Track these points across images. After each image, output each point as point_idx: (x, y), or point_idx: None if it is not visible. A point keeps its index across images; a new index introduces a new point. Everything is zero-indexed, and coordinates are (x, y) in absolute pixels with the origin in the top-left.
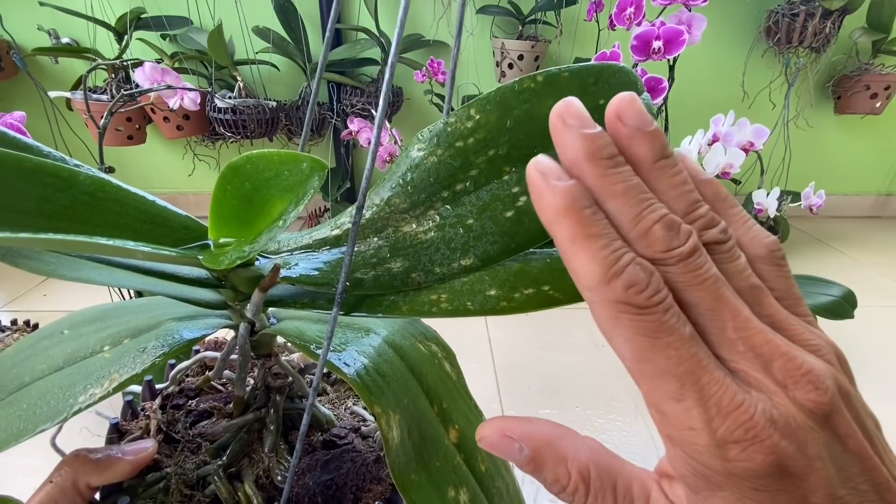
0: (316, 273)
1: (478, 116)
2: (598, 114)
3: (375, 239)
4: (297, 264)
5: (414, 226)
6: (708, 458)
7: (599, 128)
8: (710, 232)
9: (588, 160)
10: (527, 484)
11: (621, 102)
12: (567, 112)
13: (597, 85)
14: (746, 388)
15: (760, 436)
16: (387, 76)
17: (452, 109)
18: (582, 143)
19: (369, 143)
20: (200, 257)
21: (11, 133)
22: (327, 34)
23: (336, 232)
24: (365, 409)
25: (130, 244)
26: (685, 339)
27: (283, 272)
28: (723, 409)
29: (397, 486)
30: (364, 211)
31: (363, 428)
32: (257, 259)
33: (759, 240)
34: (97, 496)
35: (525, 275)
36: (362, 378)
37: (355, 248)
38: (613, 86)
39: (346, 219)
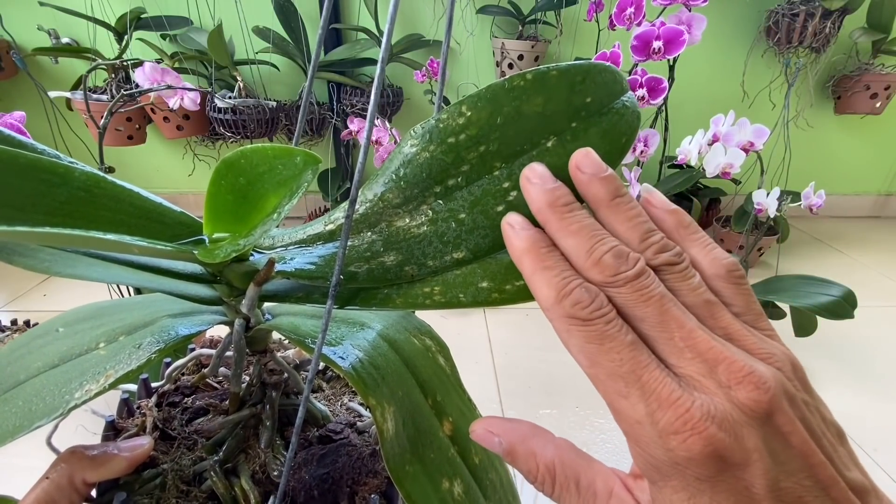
0: (311, 267)
1: (469, 113)
2: (584, 111)
3: (369, 233)
4: (292, 259)
5: (407, 220)
6: (654, 448)
7: (559, 182)
8: (663, 255)
9: (549, 208)
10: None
11: (578, 155)
12: (532, 174)
13: (584, 83)
14: (688, 388)
15: (697, 427)
16: (378, 70)
17: (447, 102)
18: (543, 196)
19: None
20: (195, 251)
21: (6, 131)
22: (319, 32)
23: (330, 227)
24: (361, 404)
25: (127, 238)
26: (626, 344)
27: (278, 266)
28: (663, 403)
29: (392, 477)
30: (358, 206)
31: (359, 423)
32: (252, 254)
33: (719, 261)
34: (93, 493)
35: (516, 267)
36: (357, 371)
37: (349, 243)
38: (600, 84)
39: (339, 214)
